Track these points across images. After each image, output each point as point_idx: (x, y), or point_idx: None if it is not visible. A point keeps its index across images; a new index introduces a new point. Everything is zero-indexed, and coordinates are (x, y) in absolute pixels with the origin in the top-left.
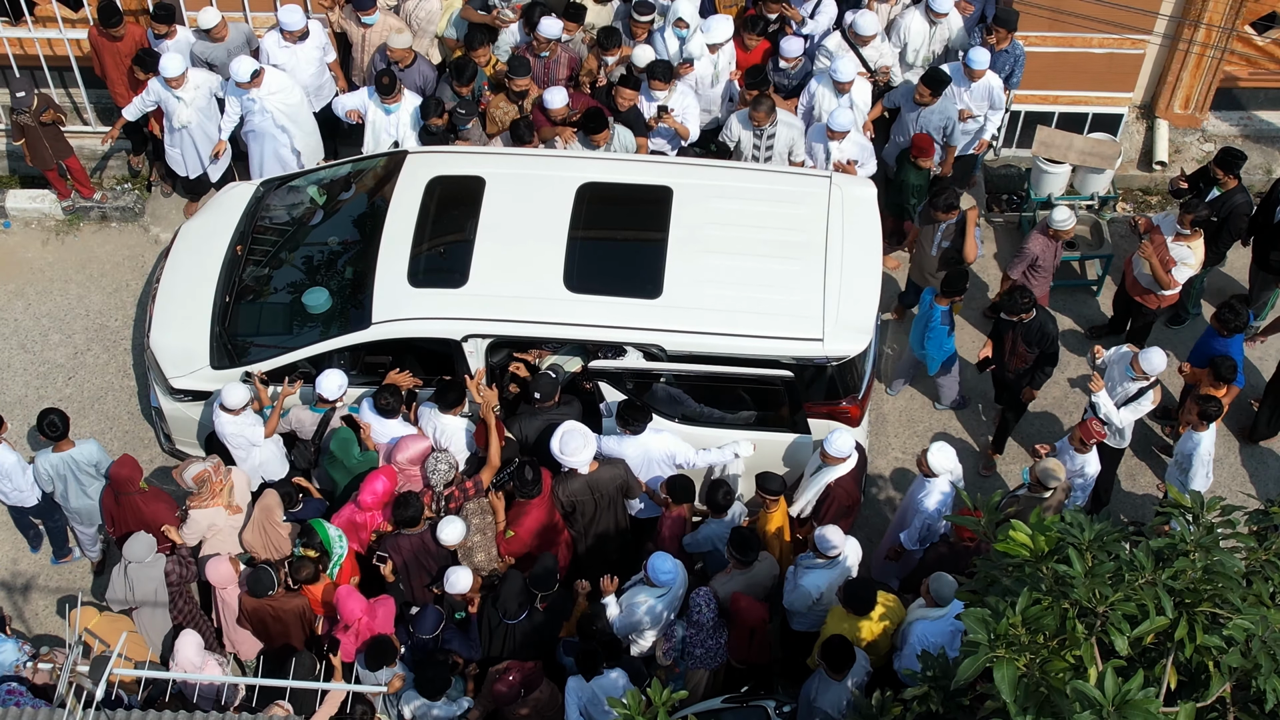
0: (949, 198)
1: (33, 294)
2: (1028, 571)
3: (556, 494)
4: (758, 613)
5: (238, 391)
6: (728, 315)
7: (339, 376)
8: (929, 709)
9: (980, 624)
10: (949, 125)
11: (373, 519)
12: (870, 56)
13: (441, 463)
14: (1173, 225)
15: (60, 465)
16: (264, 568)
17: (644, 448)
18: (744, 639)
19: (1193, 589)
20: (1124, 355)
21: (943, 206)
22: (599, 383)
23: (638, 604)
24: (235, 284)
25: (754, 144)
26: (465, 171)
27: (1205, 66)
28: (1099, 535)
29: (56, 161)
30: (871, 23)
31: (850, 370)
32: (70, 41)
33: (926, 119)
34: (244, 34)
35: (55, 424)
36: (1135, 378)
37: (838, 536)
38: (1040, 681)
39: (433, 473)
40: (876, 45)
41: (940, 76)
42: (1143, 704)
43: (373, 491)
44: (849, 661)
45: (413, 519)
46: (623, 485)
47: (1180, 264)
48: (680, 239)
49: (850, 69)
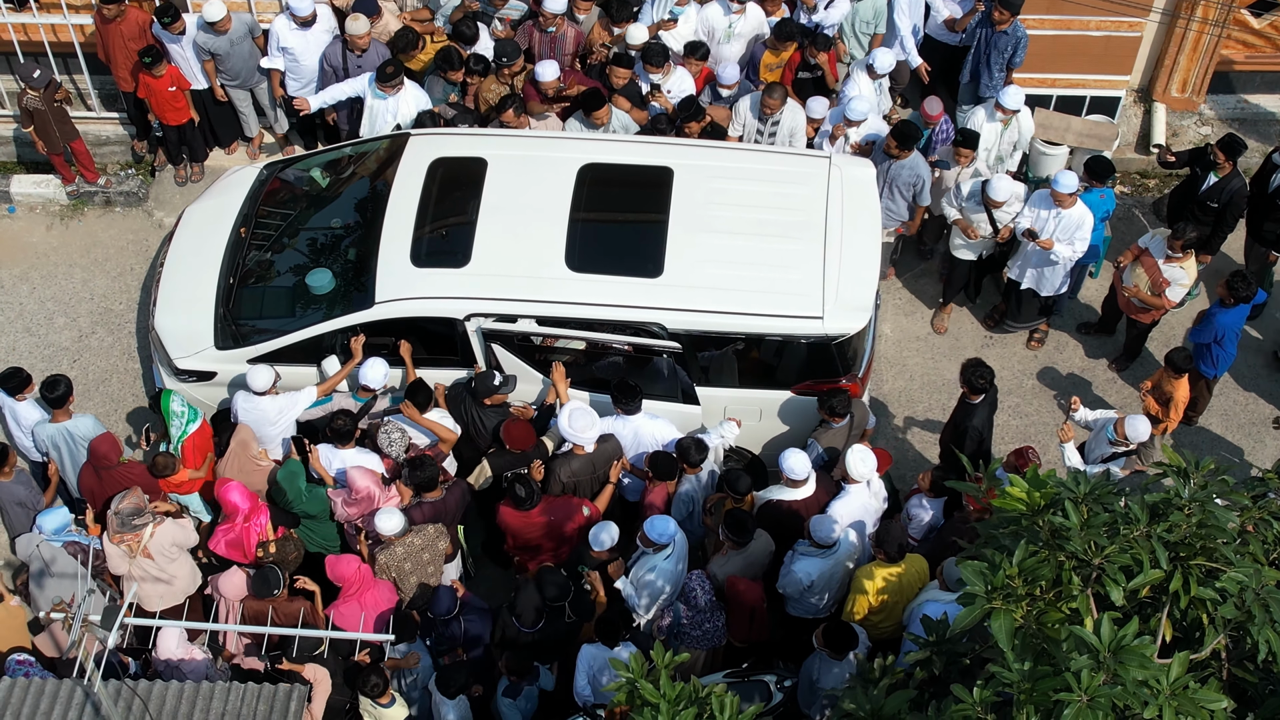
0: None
1: (37, 278)
2: (1024, 525)
3: (557, 475)
4: (755, 593)
5: (263, 374)
6: (728, 294)
7: (382, 365)
8: (931, 673)
9: (977, 576)
10: (918, 184)
11: (249, 530)
12: (1001, 219)
13: (394, 431)
14: (1162, 248)
15: (56, 435)
16: (270, 568)
17: (635, 430)
18: (744, 620)
19: (1187, 542)
20: (1109, 419)
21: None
22: (493, 345)
23: (650, 574)
24: (239, 265)
25: (758, 129)
26: (467, 153)
27: (1202, 50)
28: (1094, 489)
29: (64, 145)
30: (1006, 186)
31: (849, 348)
32: (74, 27)
33: (895, 173)
34: (246, 24)
35: (56, 383)
36: (1115, 441)
37: (836, 526)
38: (1036, 632)
39: (389, 445)
40: (1010, 207)
41: (909, 131)
42: (1138, 649)
43: (229, 501)
44: (850, 643)
45: (429, 481)
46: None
47: (1175, 284)
48: (681, 219)
49: (889, 60)
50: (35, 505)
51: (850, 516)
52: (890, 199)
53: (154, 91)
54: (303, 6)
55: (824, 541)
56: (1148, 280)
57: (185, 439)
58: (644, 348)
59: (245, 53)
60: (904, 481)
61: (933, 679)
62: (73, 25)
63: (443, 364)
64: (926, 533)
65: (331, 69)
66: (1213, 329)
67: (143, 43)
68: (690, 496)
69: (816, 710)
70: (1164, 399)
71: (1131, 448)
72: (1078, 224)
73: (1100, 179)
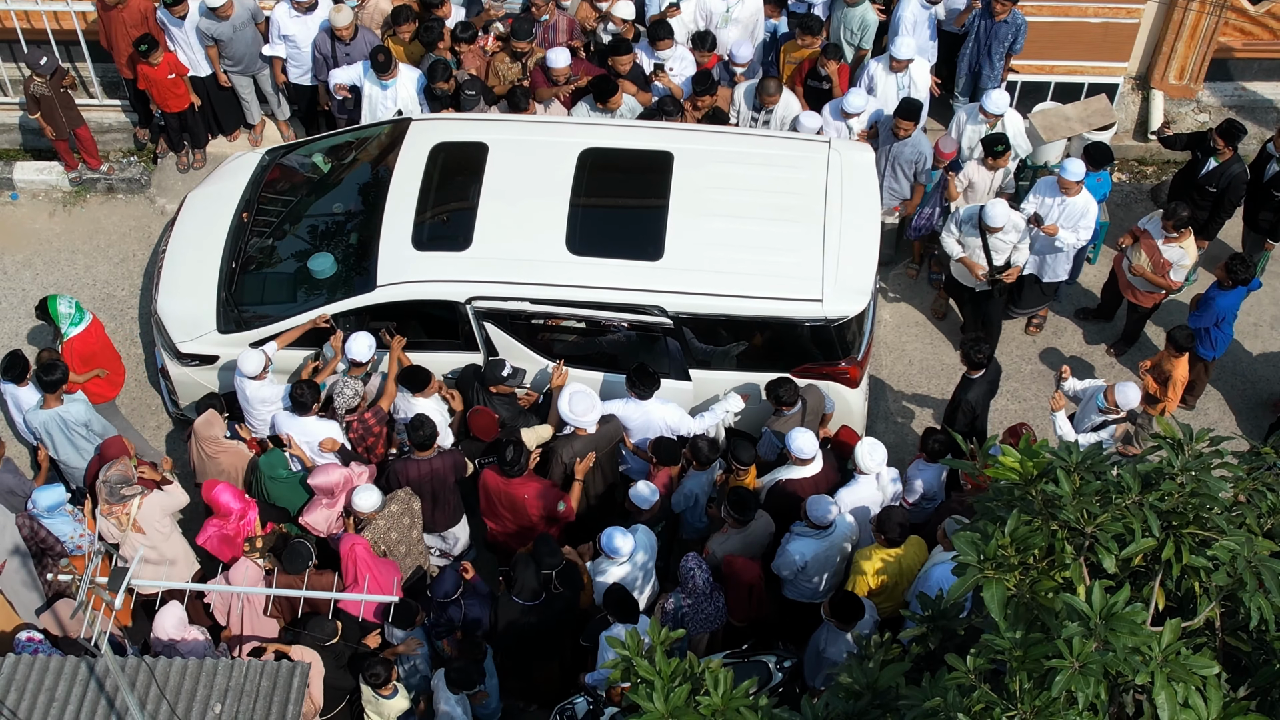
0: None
1: (40, 264)
2: (1017, 494)
3: (560, 456)
4: (752, 571)
5: (254, 358)
6: (728, 277)
7: (367, 337)
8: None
9: (970, 546)
10: (921, 161)
11: (241, 528)
12: (997, 246)
13: (348, 388)
14: (1160, 229)
15: (49, 421)
16: (300, 542)
17: (646, 414)
18: (743, 597)
19: (1179, 511)
20: (1099, 387)
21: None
22: (486, 324)
23: (604, 574)
24: (241, 250)
25: (752, 118)
26: (468, 138)
27: (1200, 36)
28: (1086, 458)
29: (70, 131)
30: (1002, 212)
31: (848, 331)
32: (77, 14)
33: (898, 151)
34: (249, 9)
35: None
36: (1106, 409)
37: (833, 508)
38: (1029, 600)
39: (338, 395)
40: (1007, 235)
41: (915, 108)
42: (1129, 616)
43: (221, 503)
44: (858, 614)
45: (427, 440)
46: (618, 441)
47: (1176, 265)
48: (681, 203)
49: (909, 49)
50: (24, 493)
51: (856, 505)
52: (893, 178)
53: (153, 81)
54: None
55: (820, 522)
56: (1149, 261)
57: (68, 340)
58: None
59: (248, 39)
60: (905, 466)
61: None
62: (75, 12)
63: (444, 348)
64: (920, 499)
65: (323, 57)
66: (1213, 312)
67: (144, 30)
68: (694, 492)
69: (820, 681)
70: (1163, 378)
71: (1121, 415)
72: (1082, 211)
73: (1098, 165)
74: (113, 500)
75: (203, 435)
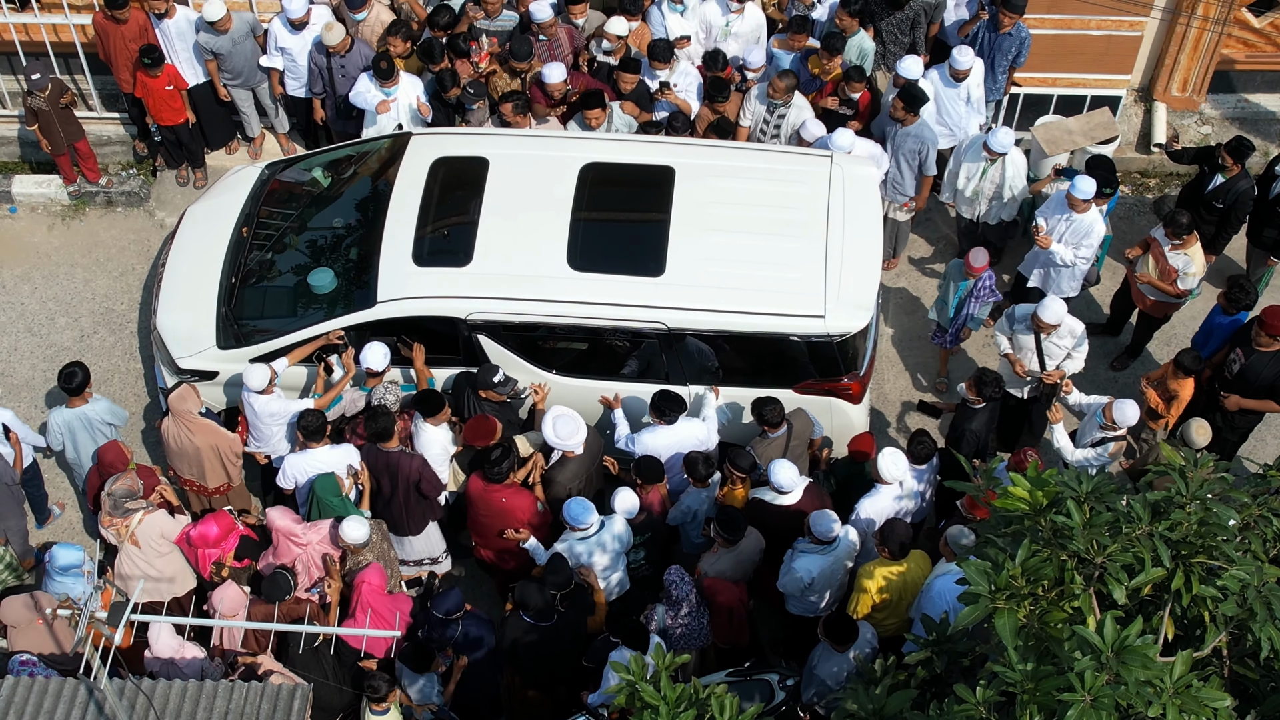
0: None
1: (39, 278)
2: (1026, 524)
3: (557, 483)
4: (732, 595)
5: (259, 372)
6: (730, 292)
7: (381, 347)
8: (933, 672)
9: (981, 575)
10: (923, 150)
11: (212, 555)
12: (1051, 351)
13: (389, 394)
14: (1165, 237)
15: (73, 420)
16: (280, 572)
17: (677, 438)
18: (723, 621)
19: (1189, 541)
20: (1100, 403)
21: None
22: (479, 336)
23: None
24: (241, 265)
25: (764, 118)
26: (469, 153)
27: (1203, 49)
28: (1096, 488)
29: (68, 145)
30: (1058, 309)
31: (850, 347)
32: (76, 27)
33: (900, 140)
34: (248, 23)
35: (74, 374)
36: (1105, 425)
37: (835, 523)
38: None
39: (377, 400)
40: (1061, 340)
41: (917, 94)
42: (1140, 650)
43: (203, 535)
44: (851, 635)
45: (383, 431)
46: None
47: (1182, 272)
48: (682, 218)
49: (968, 58)
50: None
51: (878, 515)
52: (896, 170)
53: (151, 91)
54: (296, 9)
55: (823, 537)
56: (1157, 269)
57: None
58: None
59: (247, 52)
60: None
61: (934, 678)
62: (74, 25)
63: (445, 364)
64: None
65: (317, 69)
66: (1219, 340)
67: (143, 42)
68: (692, 508)
69: (809, 697)
70: (1167, 396)
71: (1120, 432)
72: (1087, 230)
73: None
74: (115, 514)
75: (178, 410)
